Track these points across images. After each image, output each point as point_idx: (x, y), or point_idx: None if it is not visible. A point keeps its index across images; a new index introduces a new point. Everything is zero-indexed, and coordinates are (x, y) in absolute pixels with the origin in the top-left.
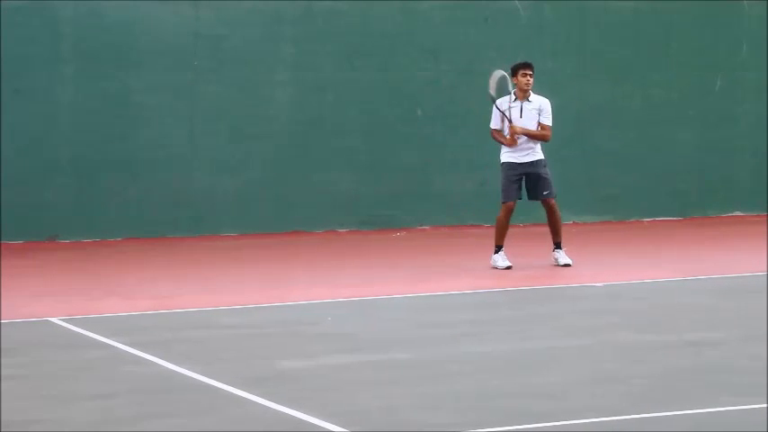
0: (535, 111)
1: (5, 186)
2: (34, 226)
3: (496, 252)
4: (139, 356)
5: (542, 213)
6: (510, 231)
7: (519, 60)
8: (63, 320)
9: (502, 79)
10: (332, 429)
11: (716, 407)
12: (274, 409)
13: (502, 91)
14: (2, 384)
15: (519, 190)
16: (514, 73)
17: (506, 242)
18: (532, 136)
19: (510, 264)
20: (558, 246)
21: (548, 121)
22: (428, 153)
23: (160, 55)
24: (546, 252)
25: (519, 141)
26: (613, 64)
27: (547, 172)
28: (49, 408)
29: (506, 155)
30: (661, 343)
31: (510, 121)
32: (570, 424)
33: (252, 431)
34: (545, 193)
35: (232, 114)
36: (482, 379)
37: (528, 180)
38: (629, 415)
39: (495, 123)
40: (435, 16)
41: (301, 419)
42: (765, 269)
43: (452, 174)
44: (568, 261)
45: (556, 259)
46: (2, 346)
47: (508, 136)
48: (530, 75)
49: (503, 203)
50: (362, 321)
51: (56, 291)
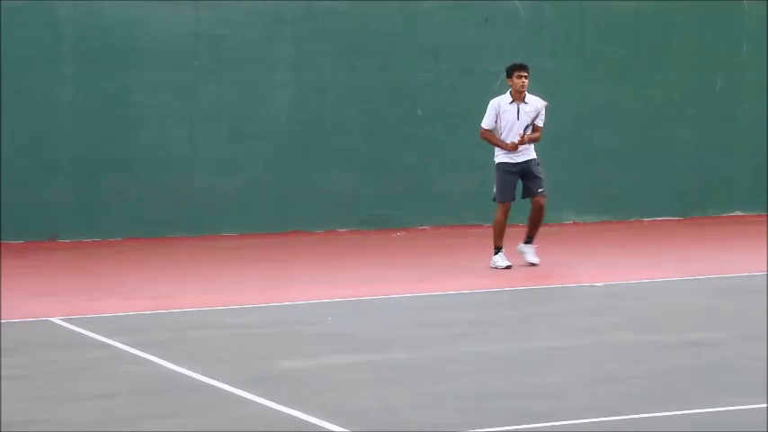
0: (532, 113)
1: (5, 186)
2: (34, 226)
3: (496, 253)
4: (139, 356)
5: None
6: (509, 231)
7: (516, 61)
8: (63, 320)
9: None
10: (332, 429)
11: (716, 407)
12: (274, 409)
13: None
14: (2, 384)
15: (514, 190)
16: (510, 75)
17: (505, 243)
18: (534, 140)
19: (509, 263)
20: (530, 240)
21: (542, 123)
22: (428, 153)
23: (160, 55)
24: (546, 252)
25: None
26: (614, 64)
27: (540, 170)
28: (49, 408)
29: (502, 155)
30: (661, 343)
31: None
32: (570, 424)
33: (252, 431)
34: (539, 191)
35: (232, 114)
36: (482, 379)
37: (523, 179)
38: (629, 415)
39: (488, 123)
40: (435, 16)
41: (301, 419)
42: (765, 269)
43: (452, 174)
44: (535, 260)
45: (523, 253)
46: (2, 346)
47: (511, 140)
48: (525, 76)
49: (500, 204)
50: (362, 321)
51: (56, 291)
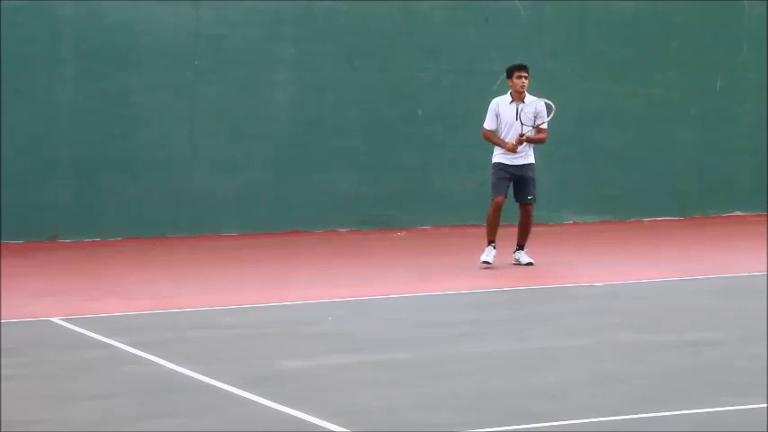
0: (531, 113)
1: (5, 186)
2: (34, 226)
3: (488, 246)
4: (139, 356)
5: (535, 215)
6: (508, 231)
7: (516, 62)
8: (63, 320)
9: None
10: (332, 429)
11: (716, 407)
12: (274, 409)
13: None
14: (2, 384)
15: (508, 188)
16: (509, 75)
17: (505, 242)
18: (535, 141)
19: (491, 261)
20: (521, 248)
21: (545, 124)
22: (428, 153)
23: (160, 55)
24: (545, 252)
25: (518, 147)
26: (614, 64)
27: (535, 175)
28: (49, 408)
29: (499, 156)
30: (661, 343)
31: (522, 133)
32: (570, 424)
33: (252, 431)
34: (528, 198)
35: (232, 114)
36: (482, 379)
37: (517, 182)
38: (629, 415)
39: (489, 124)
40: (435, 16)
41: (301, 419)
42: (765, 269)
43: (452, 174)
44: (530, 260)
45: (518, 259)
46: (2, 346)
47: (510, 140)
48: (525, 77)
49: (492, 199)
50: (362, 321)
51: (56, 291)
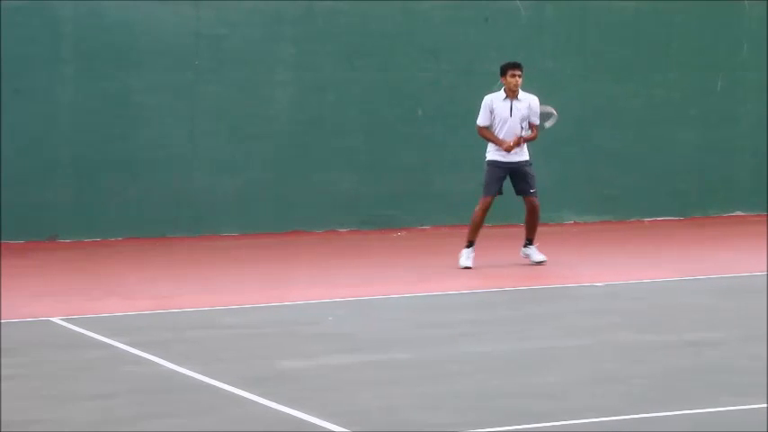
0: (525, 109)
1: (5, 186)
2: (34, 226)
3: (467, 247)
4: (139, 356)
5: (542, 213)
6: (508, 231)
7: (511, 60)
8: (63, 320)
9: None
10: (332, 429)
11: (716, 407)
12: (274, 409)
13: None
14: (2, 384)
15: (499, 186)
16: (503, 73)
17: (505, 242)
18: (529, 140)
19: (470, 265)
20: (531, 242)
21: (537, 121)
22: (428, 153)
23: (160, 55)
24: (546, 252)
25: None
26: (614, 64)
27: (533, 171)
28: (49, 408)
29: (493, 153)
30: (661, 343)
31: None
32: (570, 424)
33: (252, 431)
34: (532, 191)
35: (232, 114)
36: (482, 379)
37: (514, 176)
38: (629, 415)
39: (483, 120)
40: (435, 16)
41: (301, 419)
42: (765, 269)
43: (453, 174)
44: (542, 258)
45: (528, 255)
46: (2, 346)
47: (504, 136)
48: (518, 75)
49: (482, 197)
50: (362, 321)
51: (56, 291)
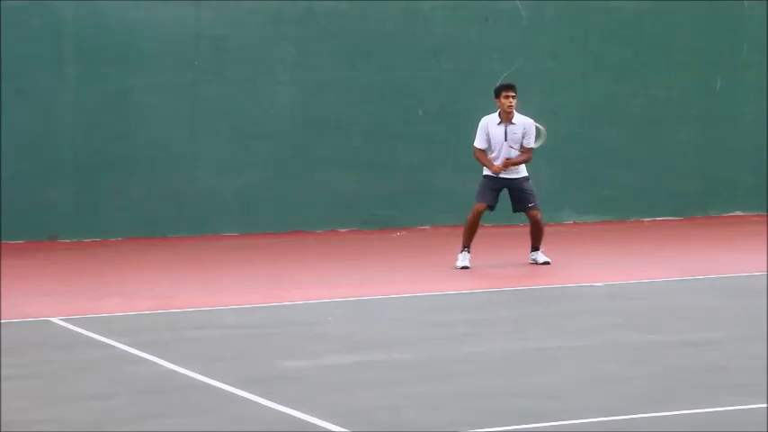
0: (519, 133)
1: (5, 186)
2: (34, 226)
3: (462, 251)
4: (139, 356)
5: (542, 213)
6: (508, 231)
7: (503, 81)
8: (63, 320)
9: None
10: (332, 429)
11: (716, 407)
12: (274, 409)
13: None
14: (2, 384)
15: (495, 198)
16: (497, 94)
17: (505, 242)
18: (520, 163)
19: (467, 264)
20: (537, 249)
21: (531, 144)
22: (429, 153)
23: (161, 55)
24: (546, 252)
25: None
26: (614, 64)
27: (530, 186)
28: (49, 408)
29: (488, 170)
30: (661, 343)
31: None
32: (570, 424)
33: (252, 431)
34: (530, 206)
35: (233, 114)
36: (482, 379)
37: (511, 193)
38: (629, 415)
39: (479, 142)
40: (436, 16)
41: (301, 419)
42: (765, 269)
43: (453, 174)
44: (547, 259)
45: (534, 259)
46: (2, 346)
47: (499, 162)
48: (512, 96)
49: (475, 204)
50: (362, 321)
51: (56, 291)
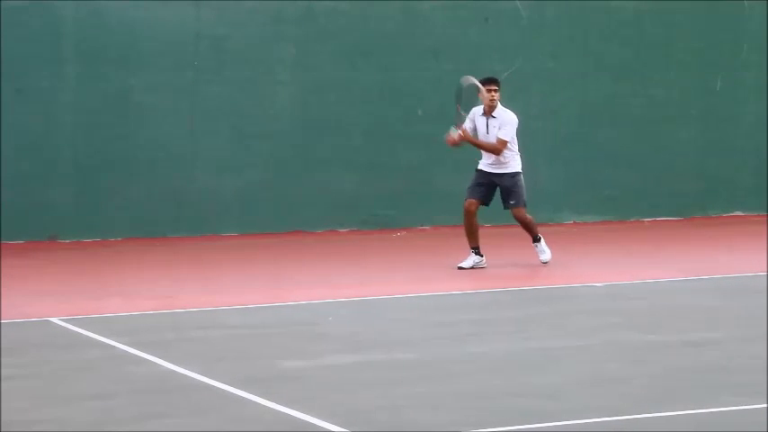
0: (497, 125)
1: (5, 186)
2: (34, 226)
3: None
4: (139, 356)
5: (535, 215)
6: (508, 231)
7: (488, 75)
8: (63, 320)
9: (470, 87)
10: (332, 429)
11: (716, 407)
12: (274, 409)
13: (469, 99)
14: (2, 384)
15: (484, 195)
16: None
17: (505, 242)
18: (480, 146)
19: (464, 265)
20: (534, 239)
21: (504, 136)
22: (429, 153)
23: (161, 55)
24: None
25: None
26: (614, 64)
27: (515, 183)
28: (49, 408)
29: (480, 163)
30: (661, 343)
31: (459, 124)
32: (570, 424)
33: (252, 431)
34: (511, 203)
35: (233, 114)
36: (483, 379)
37: (501, 190)
38: (629, 415)
39: (466, 125)
40: (436, 16)
41: (301, 419)
42: (765, 269)
43: (453, 174)
44: (546, 259)
45: (537, 253)
46: (2, 346)
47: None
48: (495, 90)
49: (465, 200)
50: (363, 321)
51: (56, 291)
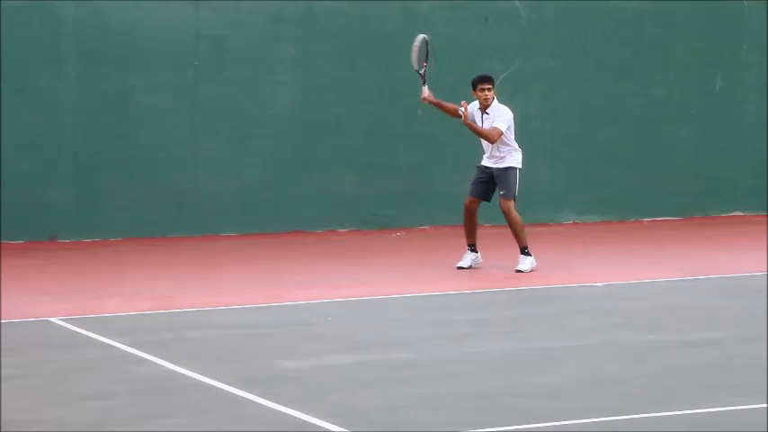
0: (491, 121)
1: (5, 186)
2: (34, 226)
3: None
4: (139, 356)
5: (535, 215)
6: (508, 231)
7: (481, 73)
8: (63, 320)
9: (422, 43)
10: (332, 429)
11: (716, 407)
12: (274, 409)
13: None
14: (2, 384)
15: (485, 191)
16: (474, 87)
17: (505, 242)
18: (476, 131)
19: (464, 266)
20: (522, 250)
21: (498, 125)
22: (428, 153)
23: (161, 55)
24: (546, 252)
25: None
26: (614, 64)
27: (509, 175)
28: (49, 408)
29: (482, 159)
30: (661, 343)
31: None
32: (570, 424)
33: (252, 431)
34: (501, 193)
35: (233, 114)
36: (482, 379)
37: (497, 182)
38: (629, 415)
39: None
40: (435, 16)
41: (301, 419)
42: (765, 269)
43: (453, 174)
44: (525, 268)
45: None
46: (2, 346)
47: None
48: (488, 89)
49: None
50: (362, 321)
51: (56, 291)
